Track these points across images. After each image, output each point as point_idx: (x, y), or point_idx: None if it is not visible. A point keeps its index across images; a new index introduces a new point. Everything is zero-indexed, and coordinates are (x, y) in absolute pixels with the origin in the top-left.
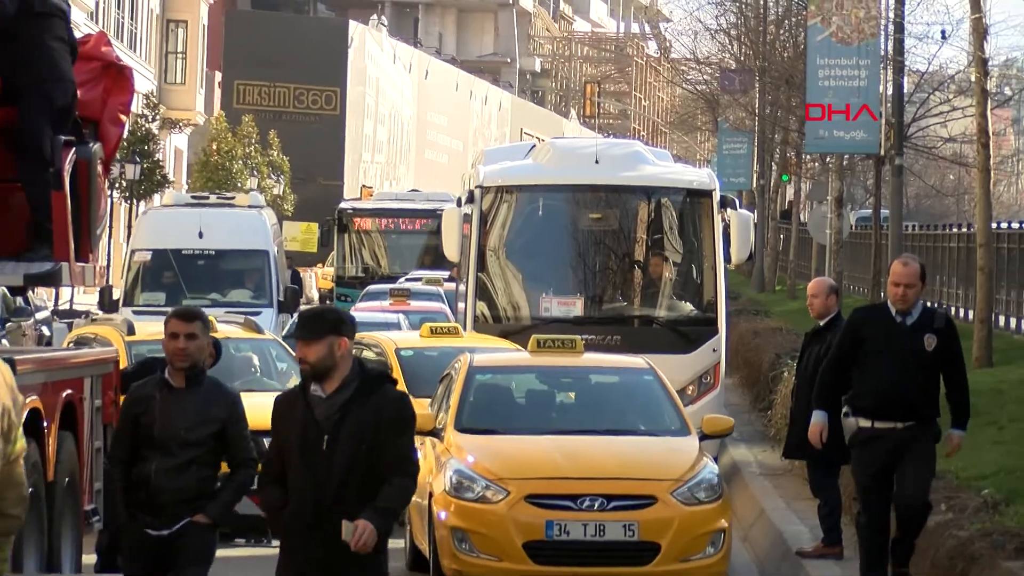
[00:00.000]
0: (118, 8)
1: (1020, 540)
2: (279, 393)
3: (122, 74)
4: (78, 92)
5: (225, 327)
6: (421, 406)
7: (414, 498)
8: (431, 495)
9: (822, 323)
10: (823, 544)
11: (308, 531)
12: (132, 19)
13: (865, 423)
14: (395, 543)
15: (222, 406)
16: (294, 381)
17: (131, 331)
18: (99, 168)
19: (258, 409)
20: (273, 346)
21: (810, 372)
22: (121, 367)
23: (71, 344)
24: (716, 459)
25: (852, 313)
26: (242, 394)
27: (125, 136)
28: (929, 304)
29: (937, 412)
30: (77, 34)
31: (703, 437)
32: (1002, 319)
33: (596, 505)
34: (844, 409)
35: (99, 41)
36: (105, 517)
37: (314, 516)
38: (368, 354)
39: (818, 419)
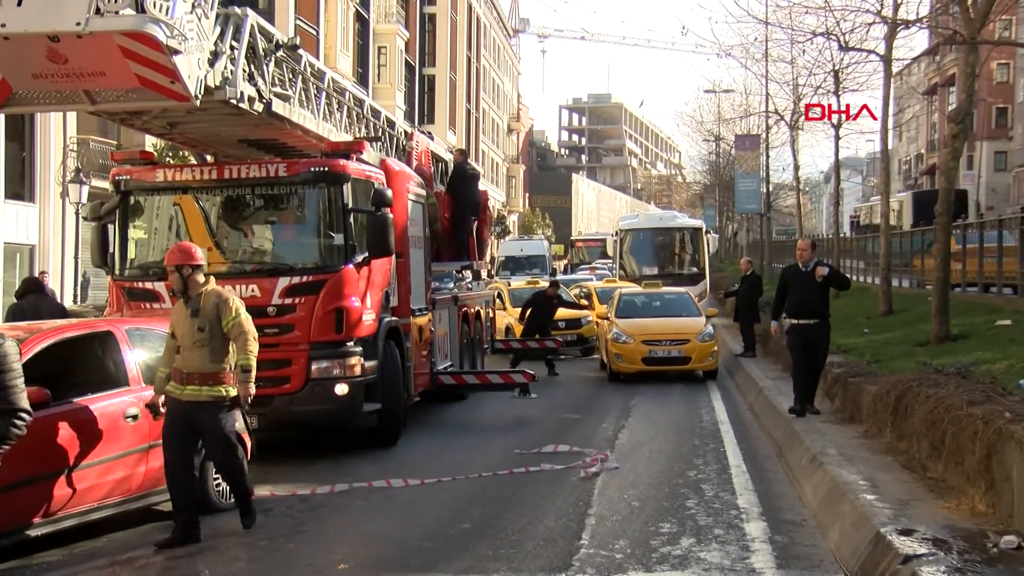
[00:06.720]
0: (488, 169)
1: (858, 371)
2: None
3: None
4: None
5: (595, 282)
6: (602, 308)
7: (601, 339)
8: (607, 340)
9: (748, 273)
10: (744, 351)
11: None
12: (494, 172)
13: (792, 321)
14: (593, 358)
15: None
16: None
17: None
18: (484, 227)
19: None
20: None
21: (743, 296)
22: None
23: (487, 288)
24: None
25: (783, 270)
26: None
27: (494, 219)
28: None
29: (828, 314)
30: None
31: (707, 317)
32: None
33: (667, 343)
34: (784, 315)
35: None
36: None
37: None
38: (584, 291)
39: (774, 323)
